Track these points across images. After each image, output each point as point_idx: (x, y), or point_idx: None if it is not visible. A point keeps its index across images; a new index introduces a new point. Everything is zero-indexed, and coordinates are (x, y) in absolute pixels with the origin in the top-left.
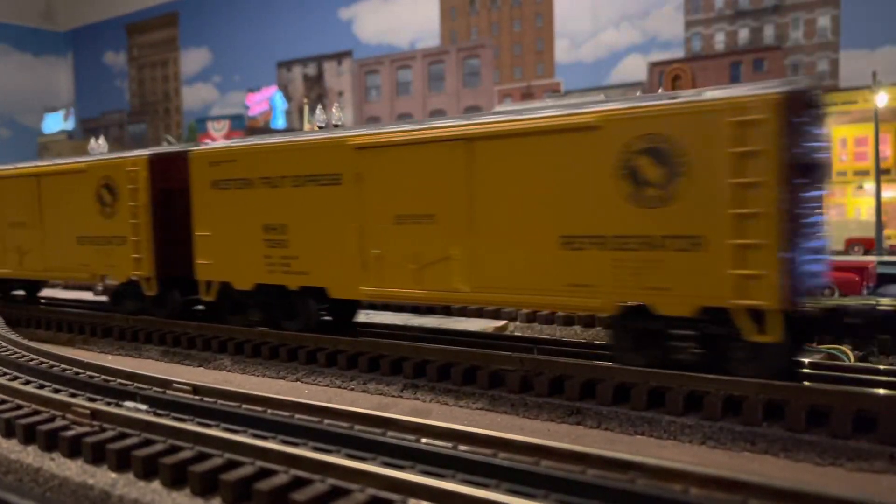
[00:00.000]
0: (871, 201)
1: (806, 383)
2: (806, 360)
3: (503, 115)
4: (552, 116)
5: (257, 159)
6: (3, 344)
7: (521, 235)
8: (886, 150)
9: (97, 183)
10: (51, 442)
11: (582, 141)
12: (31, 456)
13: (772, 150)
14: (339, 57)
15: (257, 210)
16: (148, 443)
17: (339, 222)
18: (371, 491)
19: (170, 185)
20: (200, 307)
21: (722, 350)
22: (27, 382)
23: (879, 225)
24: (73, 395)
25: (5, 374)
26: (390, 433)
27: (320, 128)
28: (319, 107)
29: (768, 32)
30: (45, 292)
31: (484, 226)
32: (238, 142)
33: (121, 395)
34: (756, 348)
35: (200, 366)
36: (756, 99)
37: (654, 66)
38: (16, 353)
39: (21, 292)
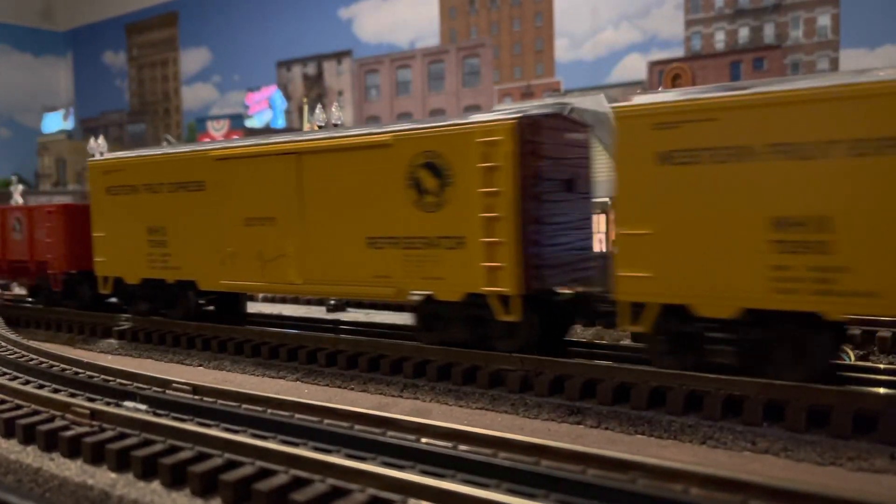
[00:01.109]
0: None
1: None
2: None
3: None
4: None
5: (761, 118)
6: (3, 344)
7: None
8: None
9: (410, 161)
10: (50, 442)
11: None
12: (30, 456)
13: None
14: (338, 56)
15: (760, 194)
16: (147, 443)
17: None
18: (371, 491)
19: (540, 161)
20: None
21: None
22: (27, 382)
23: None
24: (72, 395)
25: (5, 373)
26: (390, 433)
27: (320, 127)
28: (319, 106)
29: (768, 31)
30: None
31: None
32: (712, 91)
33: (120, 395)
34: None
35: (200, 365)
36: None
37: (653, 65)
38: (15, 352)
39: (210, 307)
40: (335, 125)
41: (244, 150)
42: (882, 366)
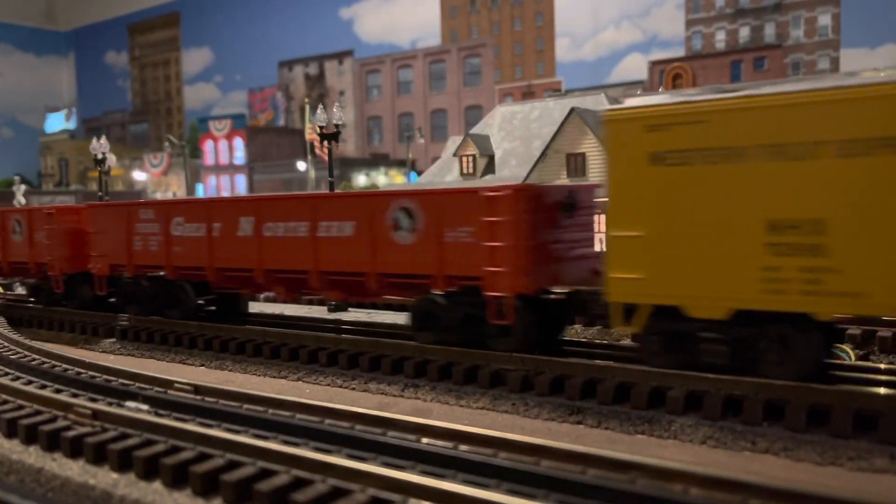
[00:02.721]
0: None
1: (806, 382)
2: None
3: None
4: None
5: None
6: (6, 344)
7: None
8: None
9: None
10: (52, 442)
11: None
12: (32, 456)
13: None
14: (340, 56)
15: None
16: (149, 443)
17: None
18: (371, 491)
19: None
20: None
21: None
22: (29, 382)
23: None
24: (74, 396)
25: (7, 374)
26: (391, 433)
27: (321, 128)
28: (320, 106)
29: (769, 31)
30: None
31: None
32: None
33: (122, 395)
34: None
35: (202, 365)
36: None
37: (654, 64)
38: (18, 352)
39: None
40: (336, 126)
41: None
42: (882, 366)
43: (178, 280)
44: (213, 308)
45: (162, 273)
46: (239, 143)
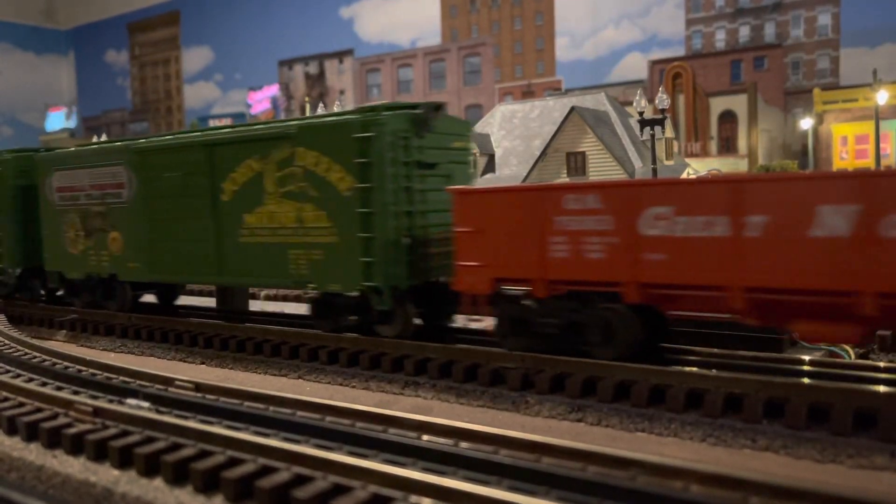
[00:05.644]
0: None
1: (806, 380)
2: (806, 358)
3: None
4: None
5: None
6: (6, 341)
7: None
8: (887, 148)
9: None
10: (53, 439)
11: None
12: (33, 453)
13: None
14: (340, 55)
15: None
16: (150, 440)
17: None
18: (372, 488)
19: None
20: None
21: None
22: (30, 380)
23: None
24: (75, 393)
25: (8, 371)
26: (392, 430)
27: None
28: (321, 105)
29: (769, 30)
30: None
31: None
32: None
33: (123, 392)
34: None
35: (203, 363)
36: None
37: (654, 63)
38: (19, 350)
39: None
40: None
41: None
42: (882, 364)
43: None
44: None
45: None
46: None
